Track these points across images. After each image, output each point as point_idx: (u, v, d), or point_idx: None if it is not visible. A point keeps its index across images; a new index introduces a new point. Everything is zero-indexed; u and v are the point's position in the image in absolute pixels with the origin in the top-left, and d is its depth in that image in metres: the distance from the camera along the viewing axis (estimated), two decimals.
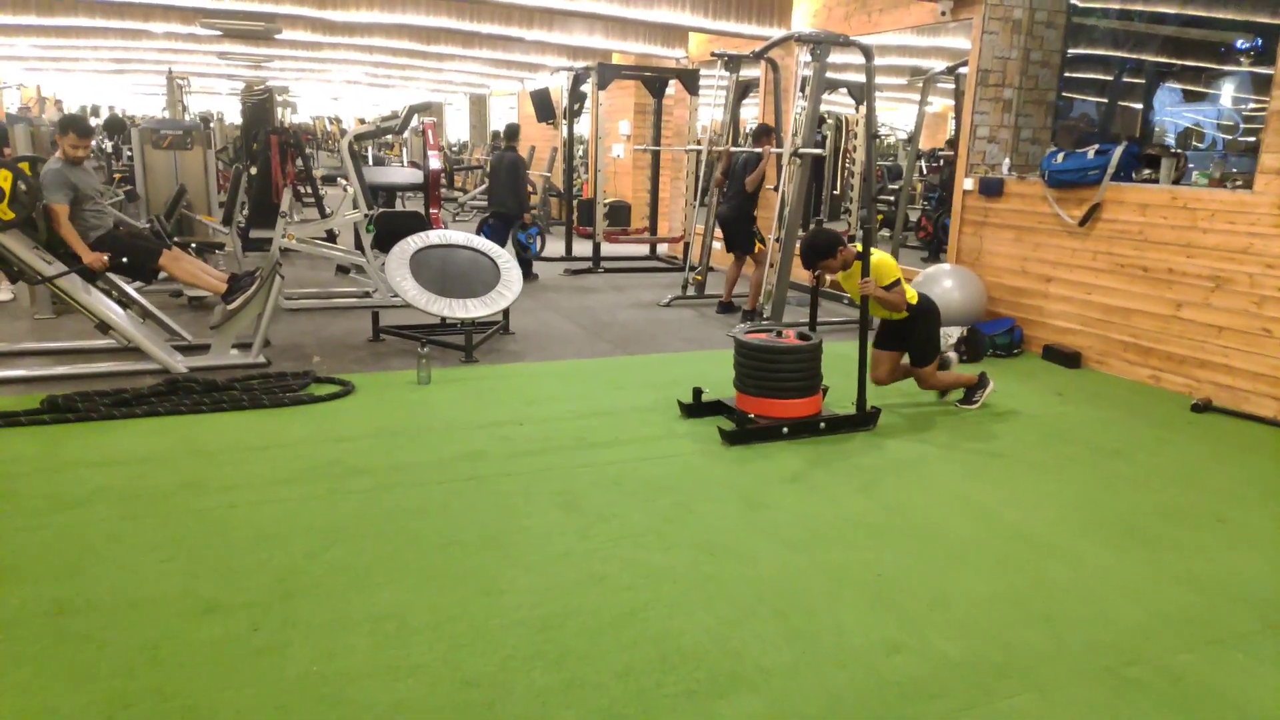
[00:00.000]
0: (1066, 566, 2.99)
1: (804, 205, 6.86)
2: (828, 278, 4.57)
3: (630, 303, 7.72)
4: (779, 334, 4.35)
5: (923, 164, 12.19)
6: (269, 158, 9.30)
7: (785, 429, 4.13)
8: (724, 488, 3.56)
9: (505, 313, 6.13)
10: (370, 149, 14.51)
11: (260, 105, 11.01)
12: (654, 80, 10.14)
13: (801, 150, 6.43)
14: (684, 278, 7.92)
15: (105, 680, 2.20)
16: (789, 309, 7.24)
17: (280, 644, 2.39)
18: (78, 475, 3.48)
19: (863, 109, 8.23)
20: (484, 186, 16.17)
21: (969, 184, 6.60)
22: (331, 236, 8.94)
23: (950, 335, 5.81)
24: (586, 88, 10.09)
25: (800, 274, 8.08)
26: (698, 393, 4.44)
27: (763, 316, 6.79)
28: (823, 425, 4.23)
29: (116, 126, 11.76)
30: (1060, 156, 5.76)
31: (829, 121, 11.59)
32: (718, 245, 9.53)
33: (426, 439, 4.03)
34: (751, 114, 12.06)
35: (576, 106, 10.41)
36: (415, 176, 9.74)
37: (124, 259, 5.16)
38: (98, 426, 4.07)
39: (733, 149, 7.50)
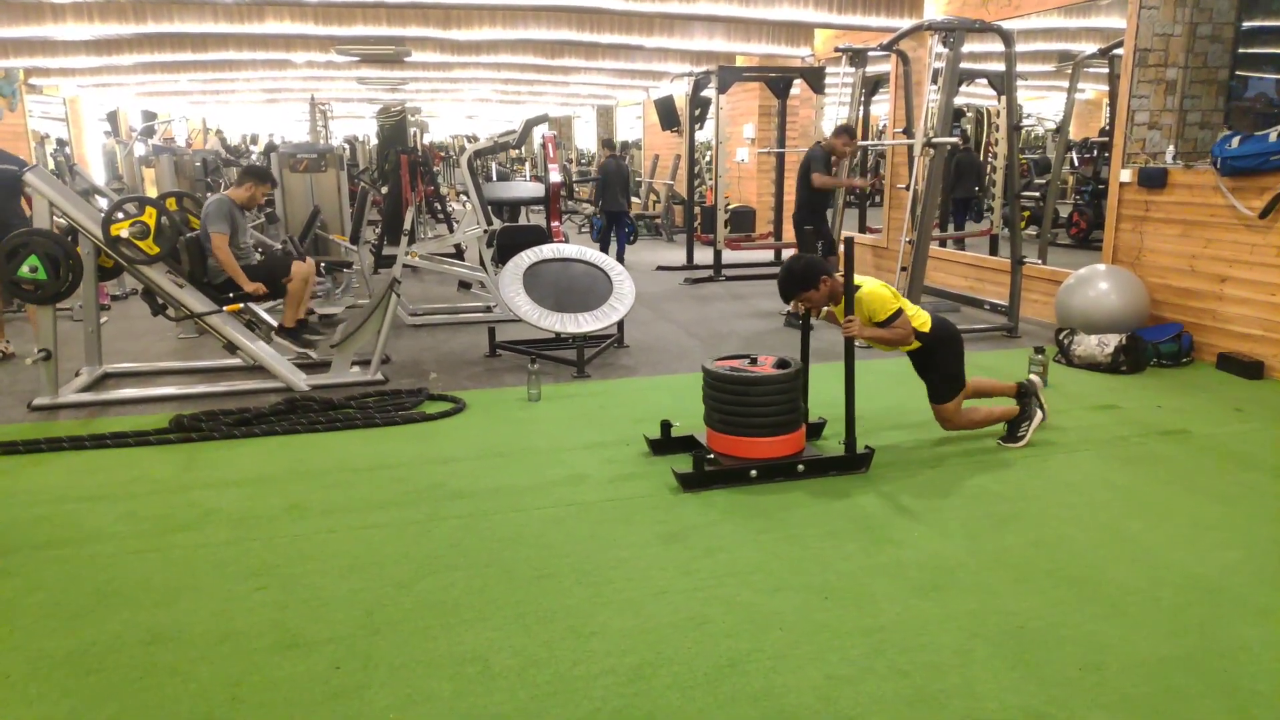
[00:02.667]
0: (1254, 623, 2.52)
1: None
2: (825, 309, 3.88)
3: (751, 312, 7.44)
4: (753, 361, 3.77)
5: (1074, 155, 11.30)
6: (400, 177, 9.57)
7: (753, 471, 3.57)
8: (844, 519, 3.25)
9: (620, 325, 5.98)
10: (494, 164, 14.79)
11: (395, 127, 11.40)
12: (777, 81, 9.81)
13: (935, 140, 5.98)
14: None
15: None
16: None
17: (359, 686, 2.28)
18: (192, 497, 3.54)
19: (1004, 100, 7.64)
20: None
21: (1126, 175, 5.96)
22: (460, 252, 9.11)
23: (1108, 344, 5.24)
24: (709, 92, 9.87)
25: (936, 278, 7.58)
26: (666, 426, 3.93)
27: None
28: (801, 468, 3.62)
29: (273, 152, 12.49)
30: (1235, 141, 5.09)
31: (968, 115, 10.92)
32: None
33: (530, 460, 3.91)
34: (883, 111, 11.53)
35: (698, 112, 10.21)
36: (536, 190, 9.80)
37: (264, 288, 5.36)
38: (219, 446, 4.16)
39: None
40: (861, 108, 8.63)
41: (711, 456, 3.61)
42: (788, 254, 10.33)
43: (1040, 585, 2.75)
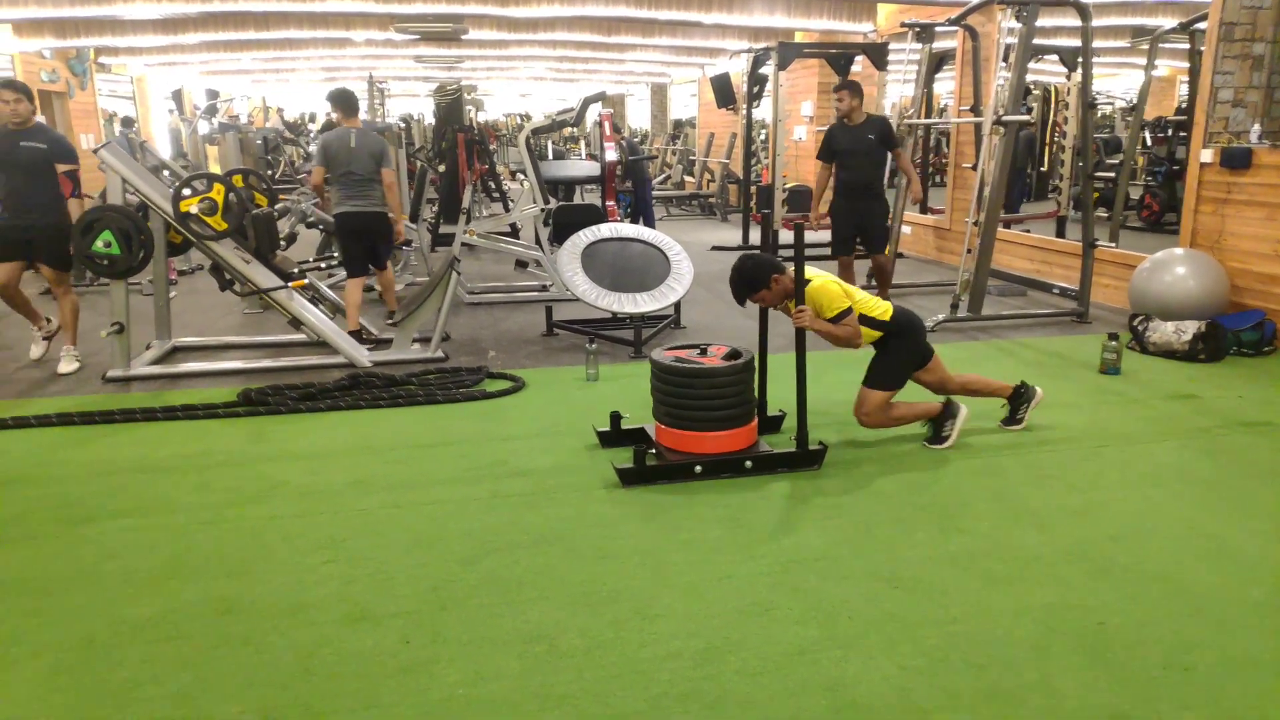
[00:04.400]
0: None
1: (1011, 185, 6.20)
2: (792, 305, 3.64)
3: None
4: (703, 351, 3.64)
5: (1146, 135, 10.90)
6: (457, 156, 9.60)
7: (698, 467, 3.43)
8: (912, 508, 3.19)
9: (677, 306, 5.94)
10: (550, 143, 14.79)
11: (452, 105, 11.43)
12: (838, 57, 9.58)
13: (1005, 118, 5.79)
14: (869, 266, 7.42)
15: (259, 690, 2.18)
16: (993, 300, 6.60)
17: (428, 660, 2.29)
18: (260, 470, 3.60)
19: (1075, 76, 7.38)
20: (661, 177, 16.13)
21: (1208, 155, 5.71)
22: (515, 231, 9.13)
23: (1185, 331, 5.05)
24: (767, 69, 9.71)
25: (1000, 260, 7.38)
26: (615, 418, 3.81)
27: (954, 309, 6.19)
28: (749, 464, 3.47)
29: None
30: None
31: (1035, 92, 10.59)
32: (906, 230, 8.93)
33: (590, 440, 3.90)
34: (946, 89, 11.23)
35: (756, 89, 10.05)
36: (592, 169, 9.76)
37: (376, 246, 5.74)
38: (286, 420, 4.23)
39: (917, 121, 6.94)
40: (925, 84, 8.41)
41: (653, 450, 3.48)
42: None
43: (1119, 580, 2.66)
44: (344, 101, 5.55)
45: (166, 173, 7.01)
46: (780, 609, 2.51)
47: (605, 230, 5.98)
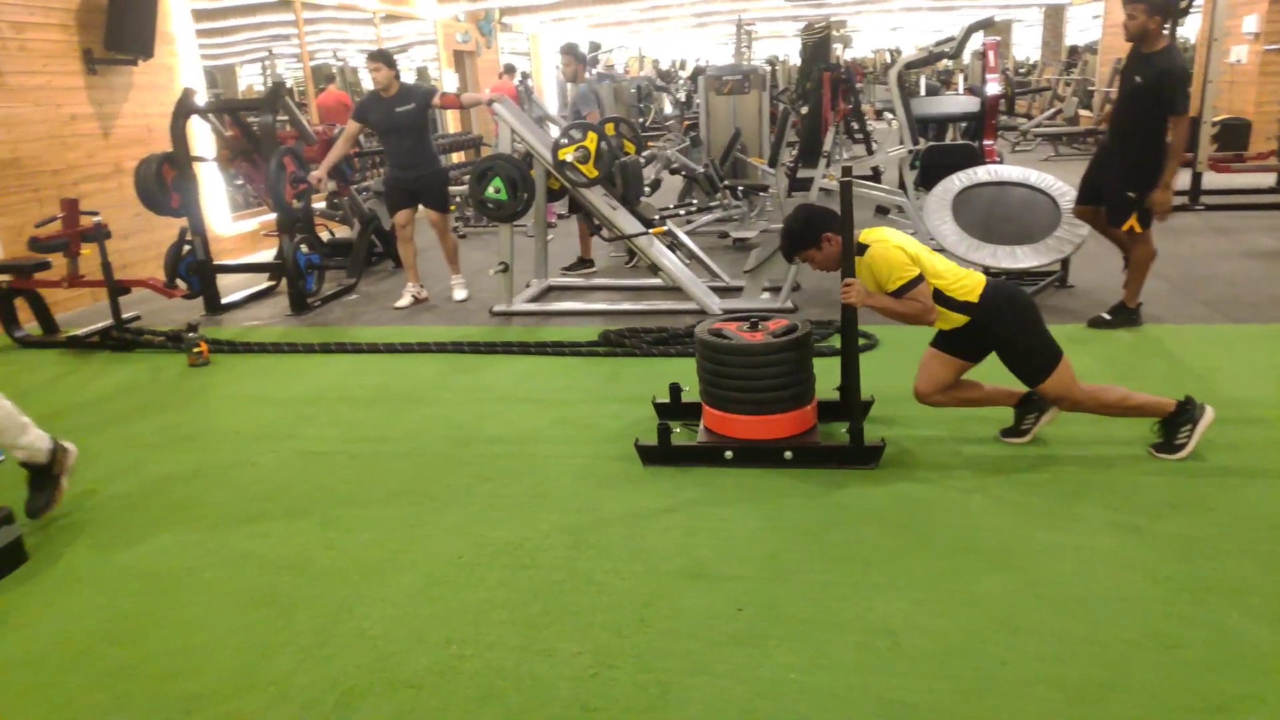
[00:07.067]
0: None
1: None
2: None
3: (1240, 250, 6.04)
4: (754, 325, 3.19)
5: None
6: (820, 96, 9.26)
7: (728, 453, 3.08)
8: None
9: (1065, 262, 5.18)
10: (923, 78, 13.77)
11: (819, 44, 11.04)
12: None
13: None
14: None
15: (597, 633, 2.22)
16: None
17: (761, 635, 2.18)
18: (613, 409, 3.73)
19: None
20: (1051, 111, 14.41)
21: None
22: (876, 174, 8.65)
23: None
24: None
25: None
26: (675, 390, 3.53)
27: None
28: (788, 455, 3.04)
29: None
30: None
31: None
32: None
33: (944, 413, 3.50)
34: None
35: (1185, 3, 8.40)
36: (968, 105, 8.88)
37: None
38: (638, 362, 4.37)
39: None
40: None
41: (678, 430, 3.24)
42: None
43: None
44: (584, 56, 6.25)
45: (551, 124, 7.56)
46: (1189, 648, 2.03)
47: (982, 173, 5.36)
